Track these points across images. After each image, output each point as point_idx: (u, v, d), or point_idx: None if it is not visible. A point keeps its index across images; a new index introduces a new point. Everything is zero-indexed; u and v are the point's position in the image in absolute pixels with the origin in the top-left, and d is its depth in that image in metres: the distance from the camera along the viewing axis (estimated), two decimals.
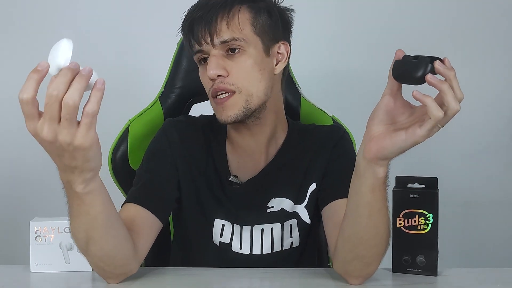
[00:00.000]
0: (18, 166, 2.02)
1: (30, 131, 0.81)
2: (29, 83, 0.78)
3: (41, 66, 0.79)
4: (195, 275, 1.12)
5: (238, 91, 1.12)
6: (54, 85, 0.78)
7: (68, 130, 0.79)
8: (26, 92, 0.78)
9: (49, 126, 0.79)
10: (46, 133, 0.79)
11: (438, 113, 0.84)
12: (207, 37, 1.12)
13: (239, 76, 1.12)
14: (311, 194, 1.20)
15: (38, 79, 0.79)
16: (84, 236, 0.96)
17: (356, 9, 1.99)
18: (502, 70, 2.00)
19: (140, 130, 1.36)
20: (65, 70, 0.79)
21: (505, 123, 2.01)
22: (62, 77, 0.79)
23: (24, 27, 1.97)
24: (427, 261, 1.10)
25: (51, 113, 0.79)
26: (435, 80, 0.86)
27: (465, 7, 1.98)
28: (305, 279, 1.11)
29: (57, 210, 2.00)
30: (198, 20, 1.13)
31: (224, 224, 1.20)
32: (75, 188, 0.88)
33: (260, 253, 1.19)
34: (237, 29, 1.12)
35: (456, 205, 2.02)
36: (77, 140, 0.80)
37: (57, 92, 0.78)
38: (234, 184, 1.20)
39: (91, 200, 0.90)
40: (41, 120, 0.80)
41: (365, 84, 1.99)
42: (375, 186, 0.93)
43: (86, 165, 0.85)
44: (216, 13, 1.12)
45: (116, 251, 0.99)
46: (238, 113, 1.13)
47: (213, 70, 1.11)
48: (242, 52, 1.13)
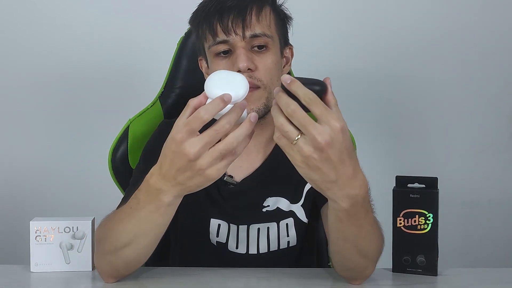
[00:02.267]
0: (18, 166, 2.02)
1: (176, 139, 0.86)
2: (213, 107, 0.84)
3: (227, 98, 0.85)
4: (194, 275, 1.12)
5: (264, 87, 1.13)
6: (227, 119, 0.84)
7: (213, 160, 0.84)
8: (208, 114, 0.84)
9: (201, 149, 0.84)
10: (195, 152, 0.84)
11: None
12: (238, 28, 1.11)
13: (265, 72, 1.13)
14: (308, 193, 1.20)
15: (222, 108, 0.84)
16: (130, 240, 0.97)
17: (356, 10, 1.99)
18: (502, 70, 2.00)
19: (140, 130, 1.36)
20: (238, 108, 0.85)
21: (505, 123, 2.01)
22: (234, 115, 0.84)
23: (23, 26, 1.96)
24: (427, 261, 1.10)
25: (211, 140, 0.84)
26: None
27: (465, 6, 1.98)
28: (303, 279, 1.10)
29: (57, 210, 2.00)
30: (229, 9, 1.11)
31: (220, 223, 1.20)
32: (162, 196, 0.91)
33: (257, 252, 1.19)
34: (267, 25, 1.13)
35: (456, 205, 2.02)
36: (211, 170, 0.85)
37: (229, 126, 0.84)
38: (229, 184, 1.20)
39: (167, 212, 0.94)
40: (198, 138, 0.84)
41: (365, 84, 1.99)
42: (341, 217, 0.91)
43: (194, 188, 0.89)
44: (251, 5, 1.12)
45: (144, 259, 1.02)
46: (260, 108, 1.13)
47: (246, 62, 1.10)
48: (268, 50, 1.14)
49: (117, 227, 0.98)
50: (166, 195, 0.90)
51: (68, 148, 1.97)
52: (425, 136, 2.00)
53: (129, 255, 0.99)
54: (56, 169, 2.00)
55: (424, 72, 1.98)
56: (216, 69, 1.14)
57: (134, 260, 1.02)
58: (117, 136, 1.37)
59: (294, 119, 0.81)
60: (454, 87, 2.00)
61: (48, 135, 1.99)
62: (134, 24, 1.95)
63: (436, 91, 2.00)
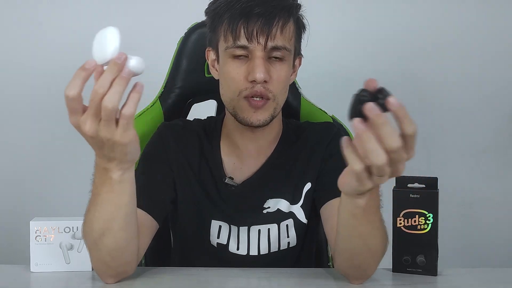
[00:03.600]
0: (18, 167, 2.02)
1: (73, 124, 0.84)
2: (75, 81, 0.82)
3: (88, 64, 0.82)
4: (194, 275, 1.12)
5: (273, 98, 1.13)
6: (100, 82, 0.81)
7: (107, 128, 0.83)
8: (73, 89, 0.82)
9: (91, 122, 0.83)
10: (89, 128, 0.83)
11: (353, 165, 0.77)
12: (262, 37, 1.09)
13: (277, 84, 1.13)
14: (307, 194, 1.20)
15: (84, 77, 0.82)
16: (101, 227, 0.96)
17: (357, 10, 1.99)
18: (502, 70, 2.00)
19: (140, 130, 1.35)
20: (112, 66, 0.81)
21: (505, 123, 2.01)
22: (108, 74, 0.81)
23: (23, 26, 1.97)
24: (427, 261, 1.10)
25: (95, 110, 0.82)
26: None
27: (465, 7, 1.98)
28: (303, 279, 1.10)
29: (57, 210, 2.00)
30: (257, 16, 1.09)
31: (221, 225, 1.20)
32: (111, 174, 0.91)
33: (257, 253, 1.19)
34: (288, 38, 1.13)
35: (456, 205, 2.02)
36: (116, 137, 0.84)
37: (103, 90, 0.81)
38: (229, 186, 1.20)
39: (121, 189, 0.92)
40: (85, 115, 0.83)
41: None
42: (356, 213, 0.90)
43: (125, 157, 0.88)
44: (278, 16, 1.10)
45: (128, 246, 1.00)
46: (266, 118, 1.14)
47: (263, 73, 1.09)
48: (284, 61, 1.13)
49: (88, 219, 0.97)
50: (112, 172, 0.90)
51: (68, 148, 1.97)
52: (425, 136, 2.00)
53: (109, 244, 0.97)
54: (56, 169, 2.00)
55: (424, 72, 1.99)
56: (229, 70, 1.13)
57: (116, 248, 0.98)
58: None
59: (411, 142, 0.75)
60: (454, 87, 2.00)
61: (48, 135, 1.99)
62: (134, 24, 1.95)
63: (436, 91, 2.00)
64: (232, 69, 1.12)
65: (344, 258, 1.02)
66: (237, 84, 1.12)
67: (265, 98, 1.12)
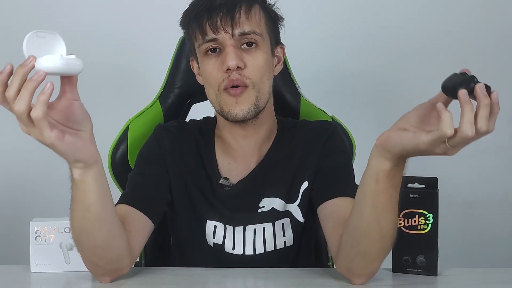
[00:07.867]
0: (18, 167, 2.02)
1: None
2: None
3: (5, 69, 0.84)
4: (193, 275, 1.12)
5: (252, 85, 1.12)
6: (9, 87, 0.83)
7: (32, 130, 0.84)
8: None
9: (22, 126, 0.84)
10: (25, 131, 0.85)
11: (446, 129, 0.84)
12: (227, 26, 1.10)
13: (254, 70, 1.12)
14: (304, 193, 1.20)
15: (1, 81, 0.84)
16: (78, 226, 0.97)
17: (356, 9, 1.99)
18: (502, 70, 2.00)
19: (140, 130, 1.36)
20: (18, 69, 0.84)
21: (505, 123, 2.01)
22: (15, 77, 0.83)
23: (23, 26, 1.96)
24: (427, 261, 1.10)
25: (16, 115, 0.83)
26: (463, 97, 0.84)
27: (464, 6, 1.98)
28: (301, 279, 1.10)
29: (57, 210, 2.00)
30: (218, 8, 1.11)
31: (216, 225, 1.20)
32: (73, 173, 0.93)
33: (253, 253, 1.19)
34: (256, 23, 1.13)
35: (456, 205, 2.02)
36: (42, 139, 0.84)
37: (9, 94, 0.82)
38: (224, 186, 1.20)
39: (86, 188, 0.93)
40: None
41: (364, 84, 1.99)
42: (379, 177, 0.92)
43: (67, 157, 0.89)
44: (240, 3, 1.12)
45: (109, 245, 1.00)
46: (250, 108, 1.13)
47: (235, 60, 1.10)
48: (258, 47, 1.13)
49: (70, 219, 0.98)
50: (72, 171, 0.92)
51: None
52: None
53: (88, 243, 0.98)
54: (56, 169, 1.99)
55: (424, 72, 1.98)
56: (206, 67, 1.14)
57: (97, 247, 0.98)
58: (116, 136, 1.37)
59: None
60: None
61: None
62: (134, 24, 1.96)
63: (436, 91, 2.00)
64: (208, 65, 1.14)
65: (351, 244, 1.00)
66: (215, 78, 1.13)
67: (242, 86, 1.12)
